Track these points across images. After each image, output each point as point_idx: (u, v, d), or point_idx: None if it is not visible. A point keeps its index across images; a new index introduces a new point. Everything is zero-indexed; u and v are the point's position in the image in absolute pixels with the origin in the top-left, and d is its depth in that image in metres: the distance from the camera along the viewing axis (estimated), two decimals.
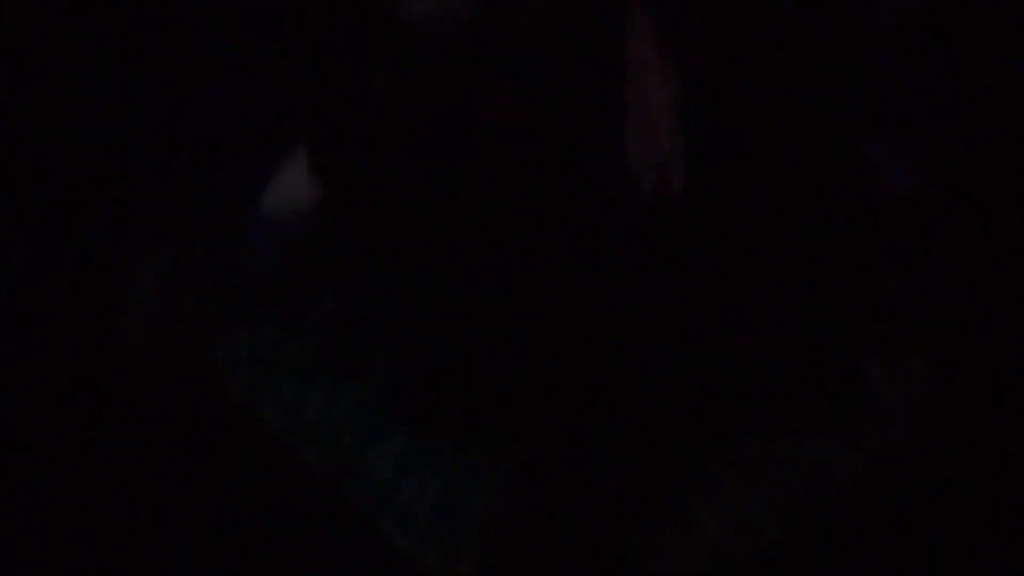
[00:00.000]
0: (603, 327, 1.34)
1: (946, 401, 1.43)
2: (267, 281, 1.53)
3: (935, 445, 1.42)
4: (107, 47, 1.69)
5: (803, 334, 1.37)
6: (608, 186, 1.29)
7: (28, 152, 1.66)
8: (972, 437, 1.44)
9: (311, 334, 1.53)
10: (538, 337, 1.39)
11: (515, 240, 1.35)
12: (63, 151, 1.65)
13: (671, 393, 1.37)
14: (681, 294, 1.32)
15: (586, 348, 1.37)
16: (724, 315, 1.35)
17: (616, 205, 1.29)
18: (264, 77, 1.59)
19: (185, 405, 1.49)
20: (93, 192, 1.62)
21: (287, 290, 1.53)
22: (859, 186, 1.37)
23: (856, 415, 1.39)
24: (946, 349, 1.44)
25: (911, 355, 1.41)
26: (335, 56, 1.42)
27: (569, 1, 1.30)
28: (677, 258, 1.30)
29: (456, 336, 1.45)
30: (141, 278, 1.52)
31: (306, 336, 1.53)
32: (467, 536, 1.41)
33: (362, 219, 1.45)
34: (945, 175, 1.49)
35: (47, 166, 1.65)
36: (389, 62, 1.35)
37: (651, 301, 1.32)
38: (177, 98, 1.65)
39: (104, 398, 1.50)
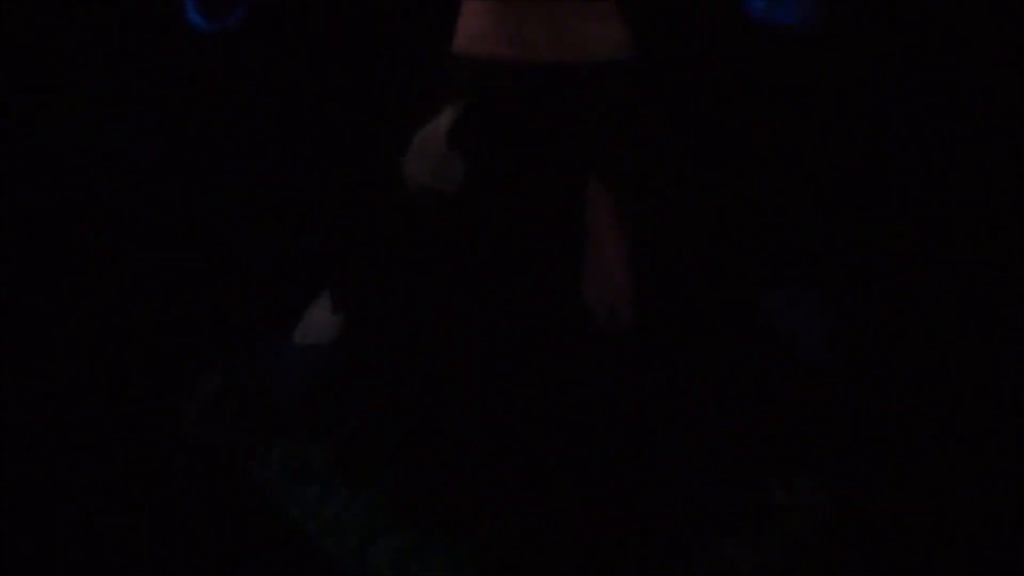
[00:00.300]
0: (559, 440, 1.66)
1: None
2: (297, 401, 1.86)
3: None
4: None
5: (716, 462, 1.68)
6: (569, 318, 1.63)
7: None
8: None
9: (333, 446, 1.85)
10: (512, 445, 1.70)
11: (497, 360, 1.69)
12: None
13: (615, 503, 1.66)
14: (622, 414, 1.64)
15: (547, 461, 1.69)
16: (651, 441, 1.66)
17: (574, 334, 1.63)
18: (295, 234, 1.95)
19: (224, 499, 1.80)
20: None
21: (314, 409, 1.86)
22: (768, 344, 1.70)
23: (765, 529, 1.68)
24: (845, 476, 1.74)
25: (810, 480, 1.70)
26: (357, 217, 1.79)
27: (538, 178, 1.67)
28: (619, 383, 1.63)
29: (451, 450, 1.76)
30: (194, 396, 1.85)
31: (328, 448, 1.85)
32: None
33: (374, 350, 1.79)
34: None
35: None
36: (398, 218, 1.71)
37: (598, 419, 1.64)
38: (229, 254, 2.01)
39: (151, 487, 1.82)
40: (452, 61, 1.78)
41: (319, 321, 1.84)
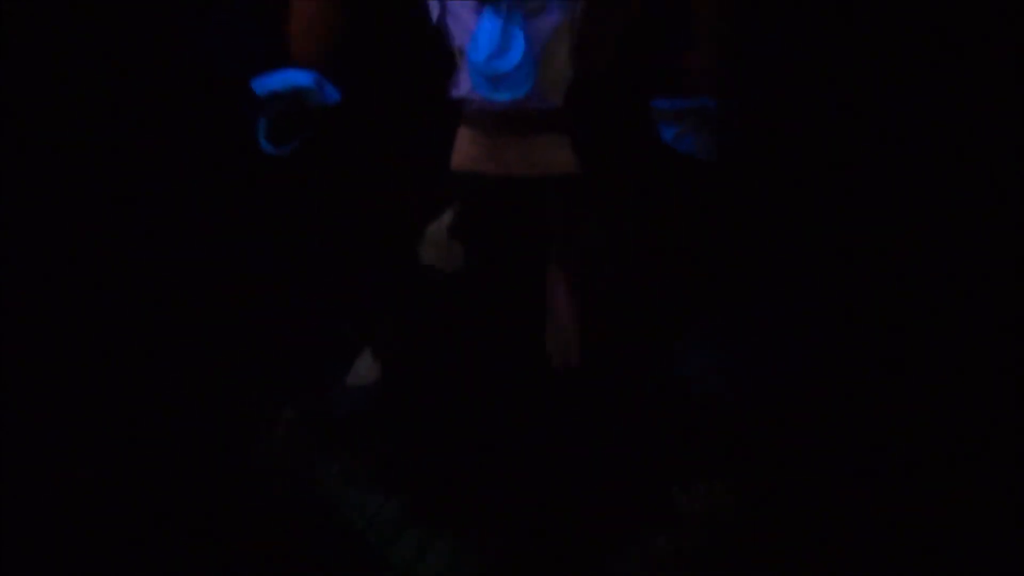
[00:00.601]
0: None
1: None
2: (349, 427, 2.52)
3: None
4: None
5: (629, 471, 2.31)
6: (535, 361, 2.29)
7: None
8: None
9: (374, 462, 2.50)
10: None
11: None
12: None
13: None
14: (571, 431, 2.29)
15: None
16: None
17: (539, 372, 2.29)
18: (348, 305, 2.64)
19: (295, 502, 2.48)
20: None
21: (361, 433, 2.52)
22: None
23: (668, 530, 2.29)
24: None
25: (713, 483, 2.31)
26: (388, 290, 2.46)
27: (513, 261, 2.32)
28: (569, 407, 2.29)
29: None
30: (270, 435, 2.52)
31: (371, 463, 2.51)
32: None
33: (402, 389, 2.44)
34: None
35: None
36: (416, 290, 2.36)
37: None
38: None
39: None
40: (451, 174, 2.44)
41: (363, 368, 2.50)
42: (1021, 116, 2.64)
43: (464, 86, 2.39)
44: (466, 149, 2.43)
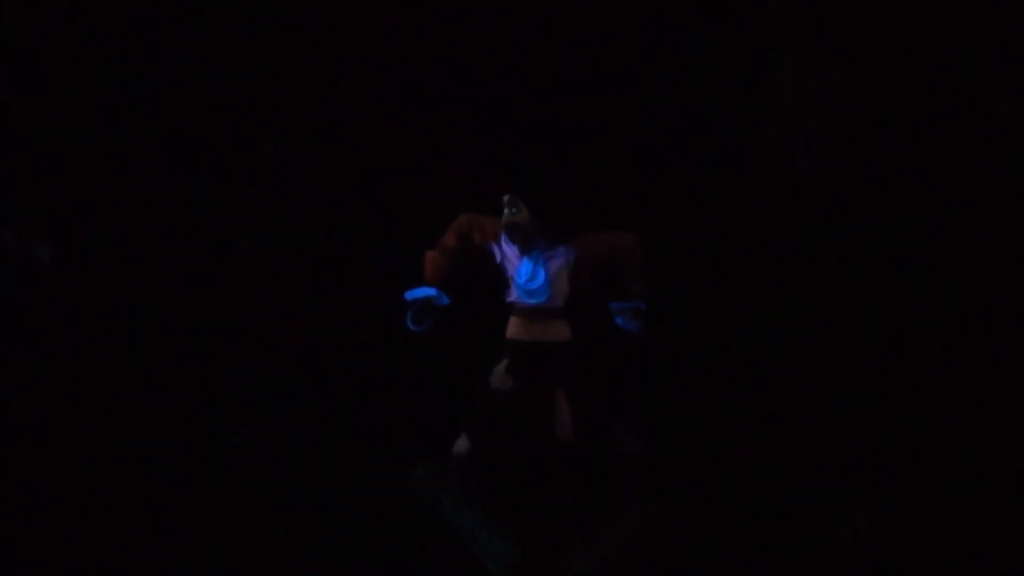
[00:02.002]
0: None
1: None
2: (457, 477, 4.75)
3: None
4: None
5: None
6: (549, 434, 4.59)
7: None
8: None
9: (474, 499, 4.72)
10: None
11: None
12: None
13: None
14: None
15: None
16: None
17: (552, 441, 4.58)
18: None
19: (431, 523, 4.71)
20: None
21: (462, 481, 4.74)
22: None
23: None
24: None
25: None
26: (473, 401, 4.74)
27: (538, 385, 4.60)
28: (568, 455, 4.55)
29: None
30: (418, 475, 4.76)
31: (470, 499, 4.72)
32: None
33: (483, 455, 4.69)
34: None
35: None
36: (487, 399, 4.64)
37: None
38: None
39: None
40: (506, 340, 4.73)
41: (461, 444, 4.75)
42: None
43: (513, 295, 4.71)
44: (514, 327, 4.75)
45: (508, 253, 4.69)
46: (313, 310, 5.41)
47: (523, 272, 4.64)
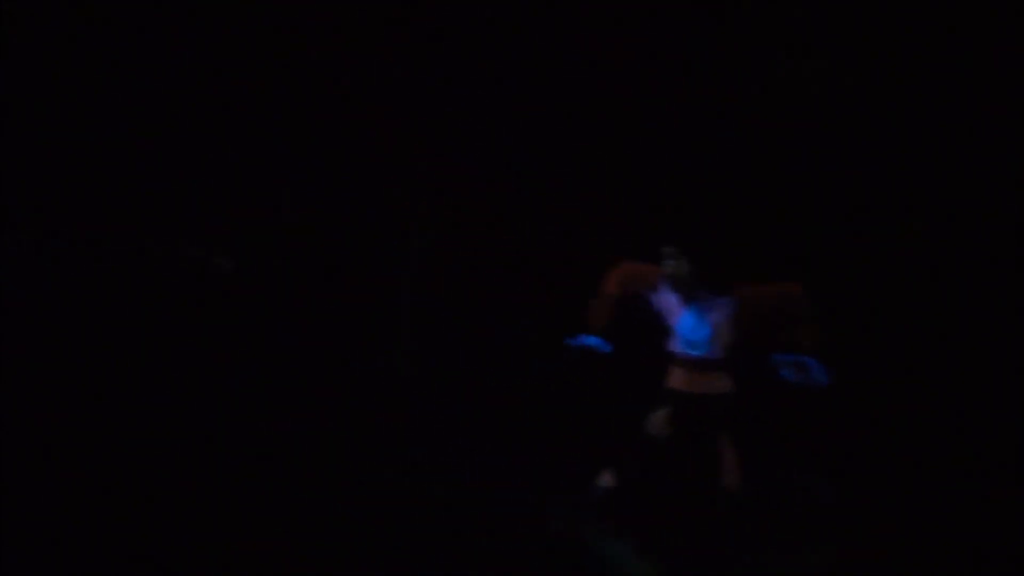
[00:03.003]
0: None
1: None
2: (600, 511, 4.81)
3: None
4: None
5: None
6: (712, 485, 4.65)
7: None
8: None
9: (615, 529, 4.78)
10: None
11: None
12: None
13: None
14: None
15: None
16: None
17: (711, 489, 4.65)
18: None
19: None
20: None
21: (604, 515, 4.81)
22: None
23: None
24: None
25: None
26: (631, 445, 4.80)
27: (697, 435, 4.66)
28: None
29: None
30: (560, 512, 4.83)
31: (612, 529, 4.78)
32: None
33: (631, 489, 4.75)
34: None
35: None
36: (643, 444, 4.71)
37: None
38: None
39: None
40: (667, 389, 4.81)
41: (605, 478, 4.82)
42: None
43: (675, 345, 4.77)
44: (675, 377, 4.81)
45: (669, 303, 4.77)
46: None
47: (686, 323, 4.72)
